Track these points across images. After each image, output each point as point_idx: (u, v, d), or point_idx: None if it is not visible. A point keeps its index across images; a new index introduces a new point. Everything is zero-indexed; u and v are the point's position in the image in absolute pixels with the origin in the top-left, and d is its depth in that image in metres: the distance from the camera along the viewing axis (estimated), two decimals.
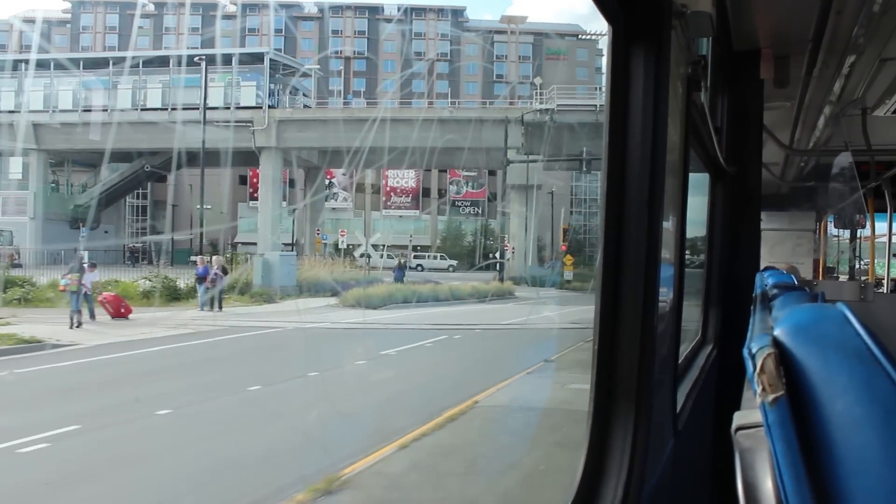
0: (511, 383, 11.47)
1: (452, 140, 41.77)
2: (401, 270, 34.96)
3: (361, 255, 33.52)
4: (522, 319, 22.29)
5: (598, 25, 74.67)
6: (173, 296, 22.26)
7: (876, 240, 10.98)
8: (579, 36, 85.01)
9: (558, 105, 44.07)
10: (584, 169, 40.59)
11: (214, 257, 24.20)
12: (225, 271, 22.78)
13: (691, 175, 2.65)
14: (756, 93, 4.36)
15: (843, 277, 15.22)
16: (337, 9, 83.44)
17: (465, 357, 15.37)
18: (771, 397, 0.60)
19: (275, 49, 64.08)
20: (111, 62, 49.90)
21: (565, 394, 10.64)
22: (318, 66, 70.11)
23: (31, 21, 61.73)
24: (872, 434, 0.56)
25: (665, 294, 2.38)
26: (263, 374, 12.19)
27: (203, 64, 40.70)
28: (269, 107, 47.25)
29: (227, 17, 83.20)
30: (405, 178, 73.93)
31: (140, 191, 62.87)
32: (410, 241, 59.24)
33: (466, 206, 72.76)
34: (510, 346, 17.42)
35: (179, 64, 44.83)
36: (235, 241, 57.85)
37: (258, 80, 48.22)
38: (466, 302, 28.96)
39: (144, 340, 15.58)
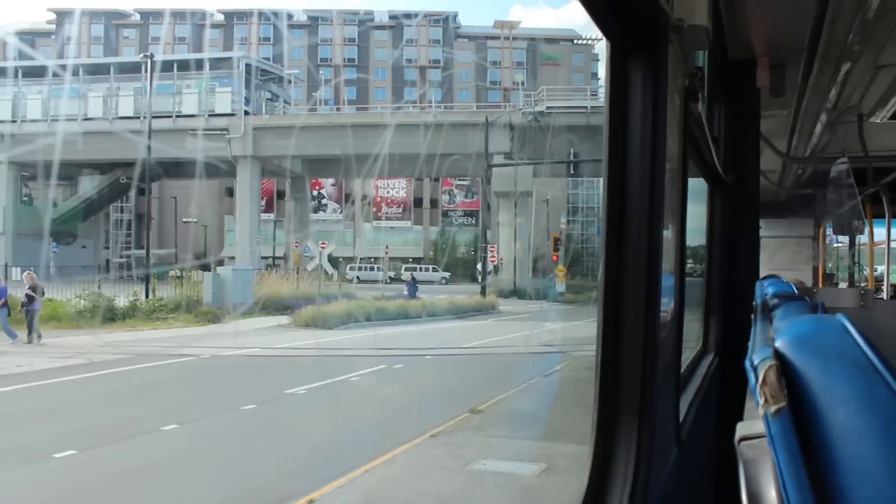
0: (395, 456, 8.49)
1: (440, 146, 40.92)
2: (413, 285, 34.39)
3: (314, 269, 31.70)
4: (493, 340, 20.51)
5: (593, 31, 74.64)
6: (109, 316, 20.04)
7: (875, 246, 10.99)
8: (574, 41, 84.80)
9: (548, 107, 43.28)
10: (572, 172, 39.84)
11: (25, 273, 19.82)
12: (39, 291, 19.14)
13: (690, 181, 2.66)
14: (753, 101, 4.39)
15: (843, 284, 15.21)
16: (327, 16, 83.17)
17: (381, 403, 12.45)
18: (773, 409, 0.61)
19: (263, 58, 63.41)
20: (81, 70, 49.00)
21: (454, 487, 7.52)
22: (298, 72, 69.50)
23: (12, 33, 61.26)
24: (874, 444, 0.57)
25: (666, 304, 2.39)
26: (77, 435, 9.51)
27: (148, 65, 38.87)
28: (246, 113, 46.08)
29: (215, 26, 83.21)
30: (396, 188, 73.32)
31: (124, 204, 62.35)
32: (387, 253, 58.70)
33: (460, 217, 72.23)
34: (448, 384, 14.60)
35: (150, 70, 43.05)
36: (222, 255, 56.58)
37: (234, 87, 47.27)
38: (442, 318, 26.97)
39: None
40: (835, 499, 0.57)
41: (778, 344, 0.64)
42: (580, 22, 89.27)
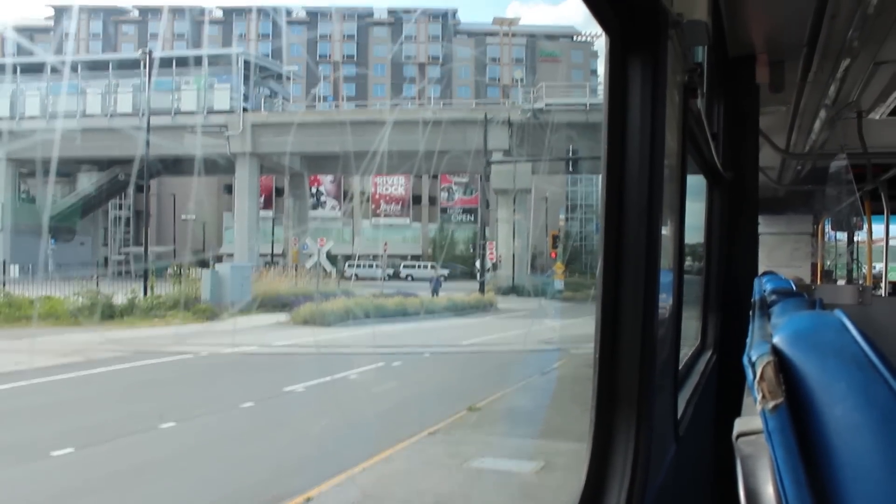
0: (392, 455, 8.43)
1: (439, 143, 40.61)
2: (438, 282, 35.11)
3: (312, 266, 31.54)
4: (492, 338, 20.60)
5: (592, 27, 74.44)
6: (108, 313, 20.11)
7: (873, 243, 10.99)
8: (574, 37, 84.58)
9: (547, 104, 42.97)
10: (571, 169, 39.73)
11: None
12: None
13: (689, 178, 2.66)
14: (752, 98, 4.38)
15: (842, 281, 15.23)
16: (326, 12, 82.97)
17: (379, 401, 12.22)
18: (771, 405, 0.61)
19: (262, 54, 63.10)
20: (80, 66, 48.74)
21: (452, 484, 7.49)
22: (297, 68, 69.39)
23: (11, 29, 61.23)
24: (871, 439, 0.57)
25: (664, 300, 2.39)
26: (75, 433, 9.30)
27: (147, 62, 38.71)
28: (244, 110, 45.92)
29: (214, 22, 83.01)
30: (395, 185, 72.96)
31: (122, 201, 62.16)
32: (385, 250, 58.55)
33: (459, 214, 71.93)
34: (446, 381, 14.43)
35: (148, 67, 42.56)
36: (220, 252, 56.60)
37: (233, 83, 47.12)
38: (441, 316, 26.93)
39: None
40: (832, 494, 0.57)
41: (776, 340, 0.64)
42: (579, 19, 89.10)
